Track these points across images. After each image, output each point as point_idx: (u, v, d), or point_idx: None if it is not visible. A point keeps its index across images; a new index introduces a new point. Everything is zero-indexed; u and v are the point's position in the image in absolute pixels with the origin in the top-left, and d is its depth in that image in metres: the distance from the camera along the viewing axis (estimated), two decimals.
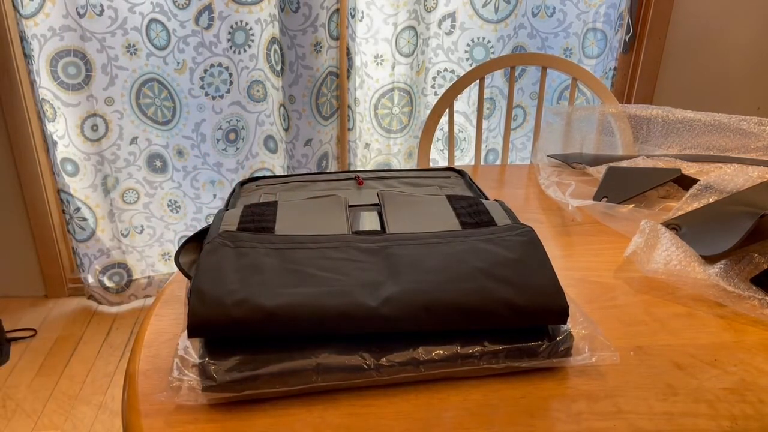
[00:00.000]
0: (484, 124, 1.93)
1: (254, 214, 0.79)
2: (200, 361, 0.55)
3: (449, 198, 0.84)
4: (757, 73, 1.94)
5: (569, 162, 1.16)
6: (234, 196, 0.89)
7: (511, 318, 0.58)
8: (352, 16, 1.72)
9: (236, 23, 1.70)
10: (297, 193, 0.90)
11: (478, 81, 1.46)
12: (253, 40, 1.73)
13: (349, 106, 1.82)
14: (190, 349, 0.57)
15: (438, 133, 1.91)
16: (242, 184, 0.94)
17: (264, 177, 0.96)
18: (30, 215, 2.09)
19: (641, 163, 1.09)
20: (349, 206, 0.84)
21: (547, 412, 0.55)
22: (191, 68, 1.79)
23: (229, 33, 1.72)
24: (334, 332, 0.57)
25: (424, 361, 0.56)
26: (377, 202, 0.84)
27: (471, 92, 1.85)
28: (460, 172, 0.98)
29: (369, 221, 0.78)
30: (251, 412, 0.54)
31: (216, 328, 0.55)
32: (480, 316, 0.58)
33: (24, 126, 1.94)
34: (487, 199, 0.87)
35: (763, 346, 0.65)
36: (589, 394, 0.57)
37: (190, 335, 0.55)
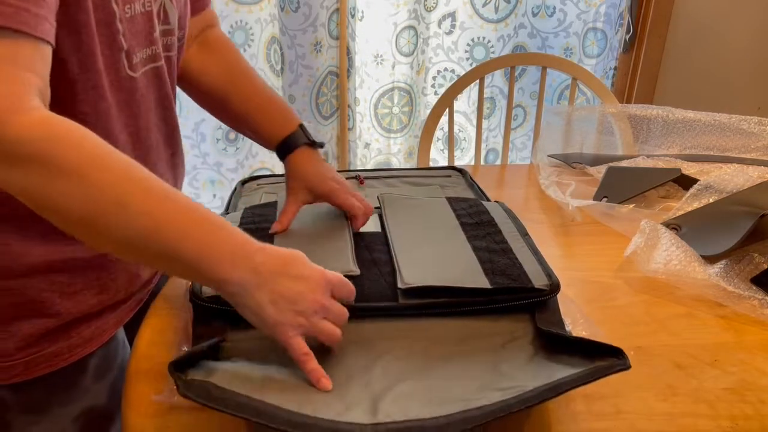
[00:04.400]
0: (484, 123, 1.92)
1: (254, 215, 0.79)
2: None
3: (449, 200, 0.84)
4: (757, 73, 1.93)
5: (569, 162, 1.16)
6: (235, 195, 0.89)
7: None
8: (352, 16, 1.72)
9: (236, 23, 1.70)
10: None
11: (478, 81, 1.46)
12: (252, 40, 1.73)
13: (349, 106, 1.82)
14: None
15: (438, 133, 1.91)
16: (243, 182, 0.94)
17: (265, 176, 0.96)
18: None
19: (641, 163, 1.09)
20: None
21: (547, 412, 0.55)
22: None
23: (229, 33, 1.72)
24: None
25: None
26: (377, 204, 0.84)
27: (471, 92, 1.84)
28: (461, 171, 0.98)
29: (369, 222, 0.78)
30: None
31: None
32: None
33: None
34: (488, 199, 0.87)
35: (763, 346, 0.65)
36: (588, 394, 0.57)
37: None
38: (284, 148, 0.76)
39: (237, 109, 0.77)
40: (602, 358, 0.50)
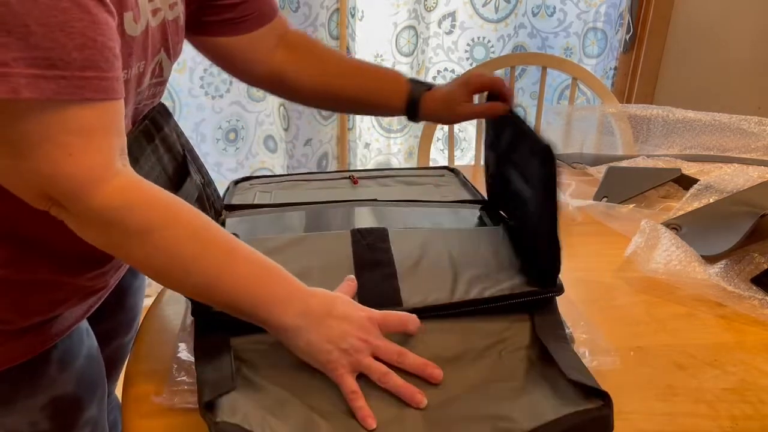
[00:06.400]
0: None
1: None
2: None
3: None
4: (758, 73, 1.93)
5: (569, 162, 1.16)
6: (228, 194, 0.89)
7: None
8: (352, 16, 1.72)
9: None
10: (292, 191, 0.89)
11: None
12: None
13: None
14: (188, 352, 0.57)
15: (438, 133, 1.91)
16: (236, 182, 0.93)
17: (259, 176, 0.96)
18: None
19: (641, 163, 1.09)
20: (344, 201, 0.84)
21: None
22: (191, 68, 1.79)
23: None
24: None
25: None
26: (373, 197, 0.84)
27: None
28: (454, 171, 0.98)
29: (367, 218, 0.78)
30: None
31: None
32: None
33: None
34: (483, 197, 0.87)
35: (763, 346, 0.65)
36: None
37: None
38: (412, 110, 0.79)
39: (351, 97, 0.81)
40: (590, 399, 0.50)
